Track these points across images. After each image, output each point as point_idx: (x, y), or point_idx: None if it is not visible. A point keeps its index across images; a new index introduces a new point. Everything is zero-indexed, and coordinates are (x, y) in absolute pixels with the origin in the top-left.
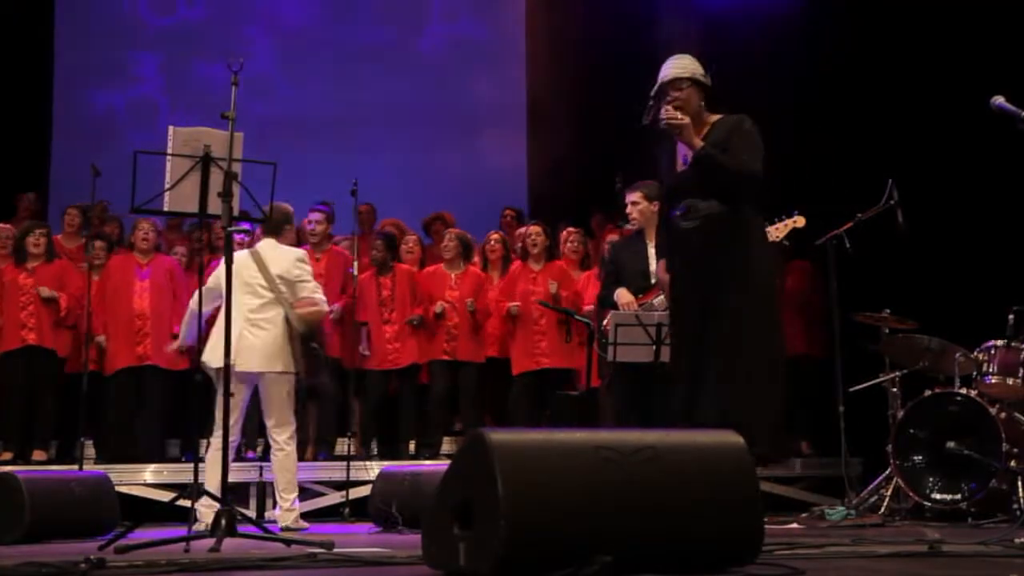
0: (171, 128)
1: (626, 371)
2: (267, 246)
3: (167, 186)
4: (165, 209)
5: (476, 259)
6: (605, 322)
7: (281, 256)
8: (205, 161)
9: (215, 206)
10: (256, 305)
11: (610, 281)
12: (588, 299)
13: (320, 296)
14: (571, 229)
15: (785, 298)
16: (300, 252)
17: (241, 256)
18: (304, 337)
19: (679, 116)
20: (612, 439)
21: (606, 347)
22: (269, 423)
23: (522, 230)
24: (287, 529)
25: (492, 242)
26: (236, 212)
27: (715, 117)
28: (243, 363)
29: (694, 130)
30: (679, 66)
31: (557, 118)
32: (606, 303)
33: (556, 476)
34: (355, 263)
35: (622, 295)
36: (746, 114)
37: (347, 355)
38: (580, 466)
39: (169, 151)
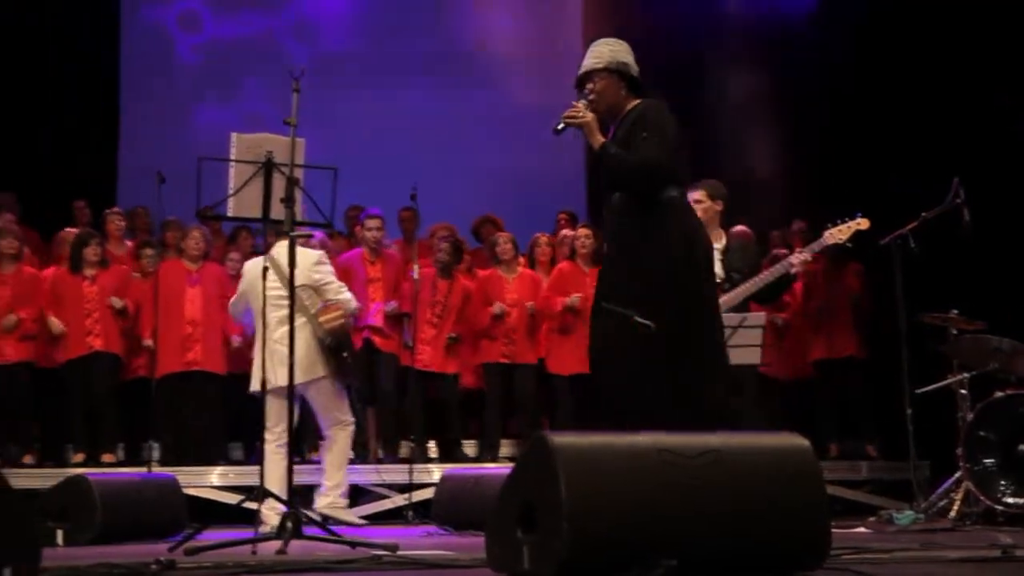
0: (234, 135)
1: None
2: (283, 250)
3: (230, 192)
4: (229, 215)
5: (522, 260)
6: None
7: (299, 263)
8: (267, 167)
9: (278, 211)
10: (283, 316)
11: None
12: None
13: (345, 296)
14: None
15: (838, 300)
16: (317, 254)
17: (258, 265)
18: (332, 348)
19: (579, 114)
20: (675, 442)
21: None
22: (324, 426)
23: (571, 232)
24: (323, 516)
25: (542, 245)
26: (299, 217)
27: (632, 103)
28: (283, 378)
29: (614, 118)
30: (595, 55)
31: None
32: None
33: (619, 479)
34: (416, 267)
35: None
36: (656, 99)
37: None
38: (643, 469)
39: (232, 157)
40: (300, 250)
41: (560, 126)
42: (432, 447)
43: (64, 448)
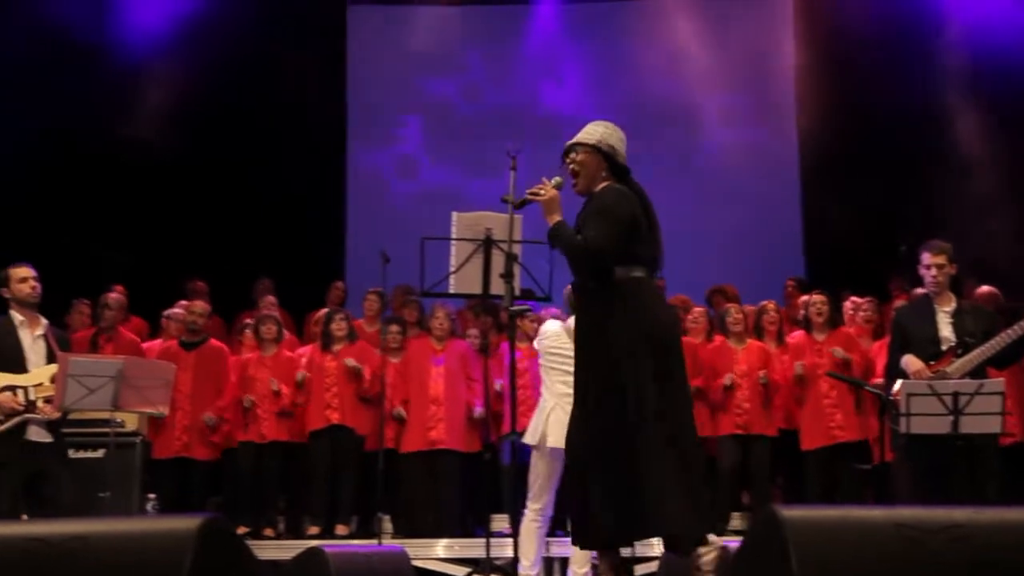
0: (455, 214)
1: (921, 443)
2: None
3: (452, 269)
4: (451, 291)
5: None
6: (895, 391)
7: None
8: (487, 244)
9: (498, 287)
10: (570, 381)
11: (897, 348)
12: (881, 369)
13: None
14: (856, 298)
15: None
16: None
17: (553, 329)
18: None
19: (542, 191)
20: (914, 516)
21: (898, 418)
22: None
23: (804, 299)
24: None
25: (770, 313)
26: (518, 292)
27: (602, 186)
28: (555, 439)
29: (588, 195)
30: (587, 131)
31: (833, 182)
32: (894, 372)
33: (854, 556)
34: None
35: (911, 363)
36: (619, 184)
37: None
38: (880, 545)
39: (453, 236)
40: None
41: (522, 199)
42: None
43: (303, 520)
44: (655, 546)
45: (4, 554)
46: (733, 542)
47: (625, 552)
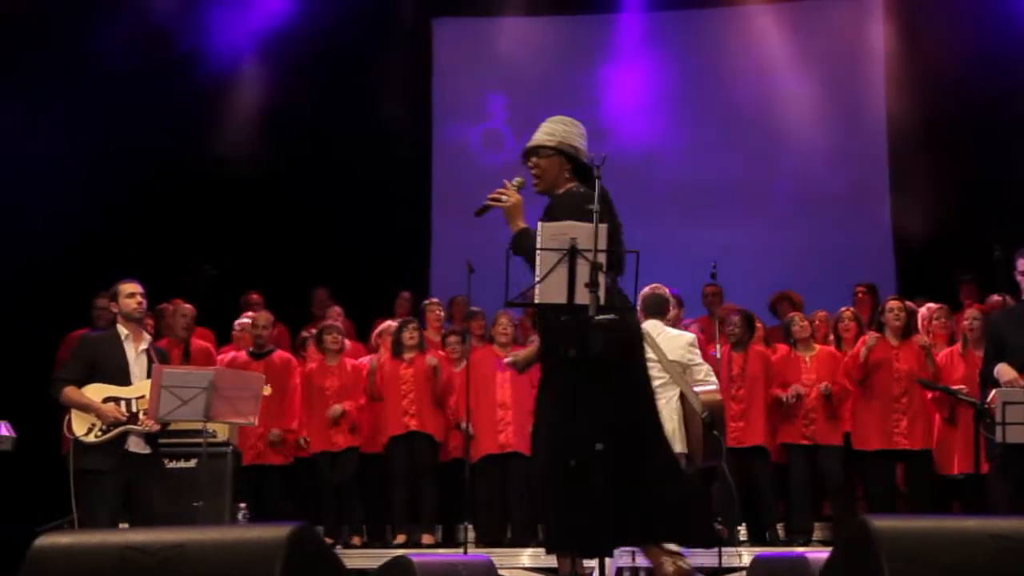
0: (540, 224)
1: (1018, 452)
2: (654, 327)
3: (537, 279)
4: (536, 301)
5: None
6: (990, 400)
7: (673, 340)
8: (571, 253)
9: (582, 296)
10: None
11: (992, 357)
12: (953, 378)
13: (713, 379)
14: (932, 305)
15: None
16: (691, 336)
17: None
18: (708, 424)
19: (504, 197)
20: (1010, 527)
21: (993, 427)
22: None
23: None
24: None
25: (846, 320)
26: (602, 301)
27: (566, 187)
28: None
29: (549, 196)
30: (548, 131)
31: (918, 187)
32: (988, 380)
33: (947, 568)
34: (718, 346)
35: (1004, 371)
36: (582, 188)
37: None
38: (975, 557)
39: (538, 246)
40: (673, 330)
41: (482, 205)
42: (742, 530)
43: (385, 529)
44: (742, 555)
45: (104, 562)
46: (820, 553)
47: (712, 562)
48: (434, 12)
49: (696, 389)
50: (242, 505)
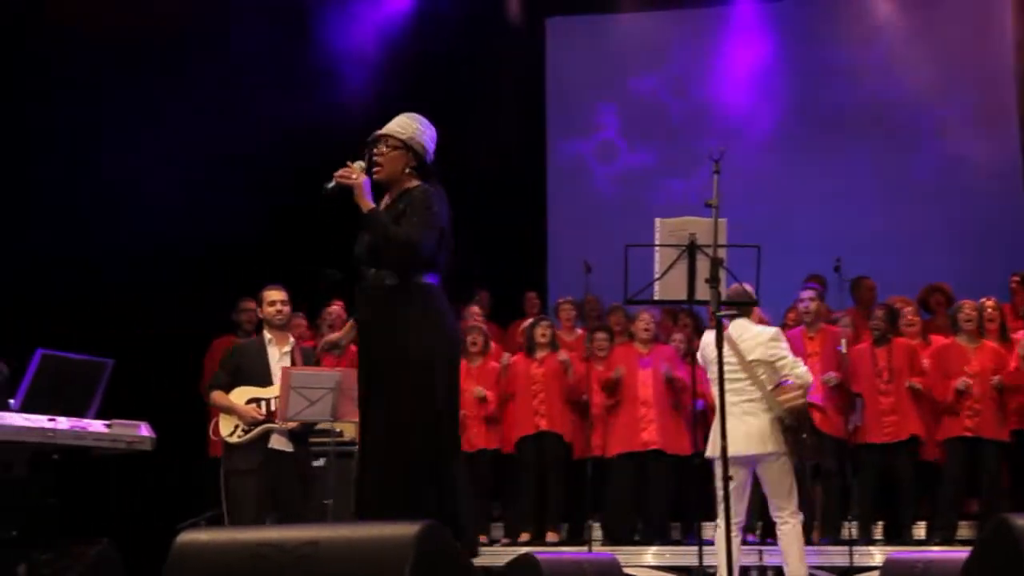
0: (658, 220)
1: None
2: (738, 327)
3: (656, 276)
4: (655, 298)
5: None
6: None
7: (754, 338)
8: (691, 249)
9: (703, 292)
10: (737, 389)
11: None
12: None
13: (801, 370)
14: None
15: None
16: (773, 331)
17: (707, 339)
18: (791, 428)
19: (351, 175)
20: None
21: None
22: (771, 503)
23: None
24: None
25: (988, 310)
26: (724, 297)
27: (413, 184)
28: (736, 447)
29: (390, 191)
30: (400, 124)
31: None
32: None
33: None
34: (843, 341)
35: None
36: (434, 187)
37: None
38: None
39: (657, 242)
40: (756, 327)
41: (331, 184)
42: (878, 528)
43: (514, 526)
44: (875, 555)
45: (240, 559)
46: (957, 553)
47: (842, 562)
48: (547, 12)
49: (787, 376)
50: None
